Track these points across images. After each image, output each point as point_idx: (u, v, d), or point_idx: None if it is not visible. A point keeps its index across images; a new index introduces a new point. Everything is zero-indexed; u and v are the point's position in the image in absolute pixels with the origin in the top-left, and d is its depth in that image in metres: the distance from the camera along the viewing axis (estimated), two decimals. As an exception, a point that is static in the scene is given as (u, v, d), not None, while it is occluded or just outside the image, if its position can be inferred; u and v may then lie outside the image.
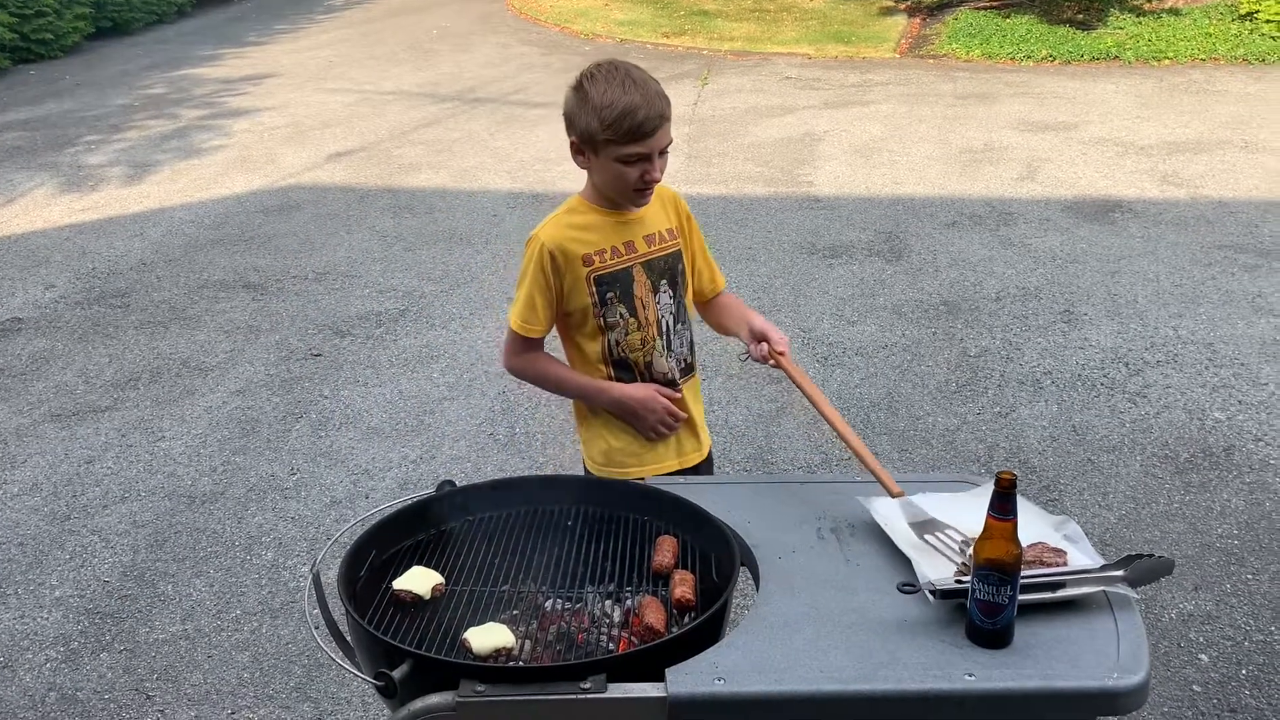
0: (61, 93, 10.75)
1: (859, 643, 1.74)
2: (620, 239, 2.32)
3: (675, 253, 2.39)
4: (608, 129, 2.14)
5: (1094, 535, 3.64)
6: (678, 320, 2.42)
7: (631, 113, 2.12)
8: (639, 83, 2.15)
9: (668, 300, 2.38)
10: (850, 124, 9.11)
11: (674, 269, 2.38)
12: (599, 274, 2.30)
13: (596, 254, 2.29)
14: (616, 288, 2.31)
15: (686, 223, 2.43)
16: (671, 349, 2.41)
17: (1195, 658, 3.17)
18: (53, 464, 4.34)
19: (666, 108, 2.18)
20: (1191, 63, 11.02)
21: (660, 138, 2.18)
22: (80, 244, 6.75)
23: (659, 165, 2.21)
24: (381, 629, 1.80)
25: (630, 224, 2.33)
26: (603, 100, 2.14)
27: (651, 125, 2.14)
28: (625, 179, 2.21)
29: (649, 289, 2.35)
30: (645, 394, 2.37)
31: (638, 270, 2.33)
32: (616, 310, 2.32)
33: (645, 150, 2.17)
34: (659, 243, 2.36)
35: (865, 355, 5.09)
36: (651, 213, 2.36)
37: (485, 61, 11.92)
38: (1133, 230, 6.61)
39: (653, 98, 2.15)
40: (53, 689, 3.14)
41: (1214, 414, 4.50)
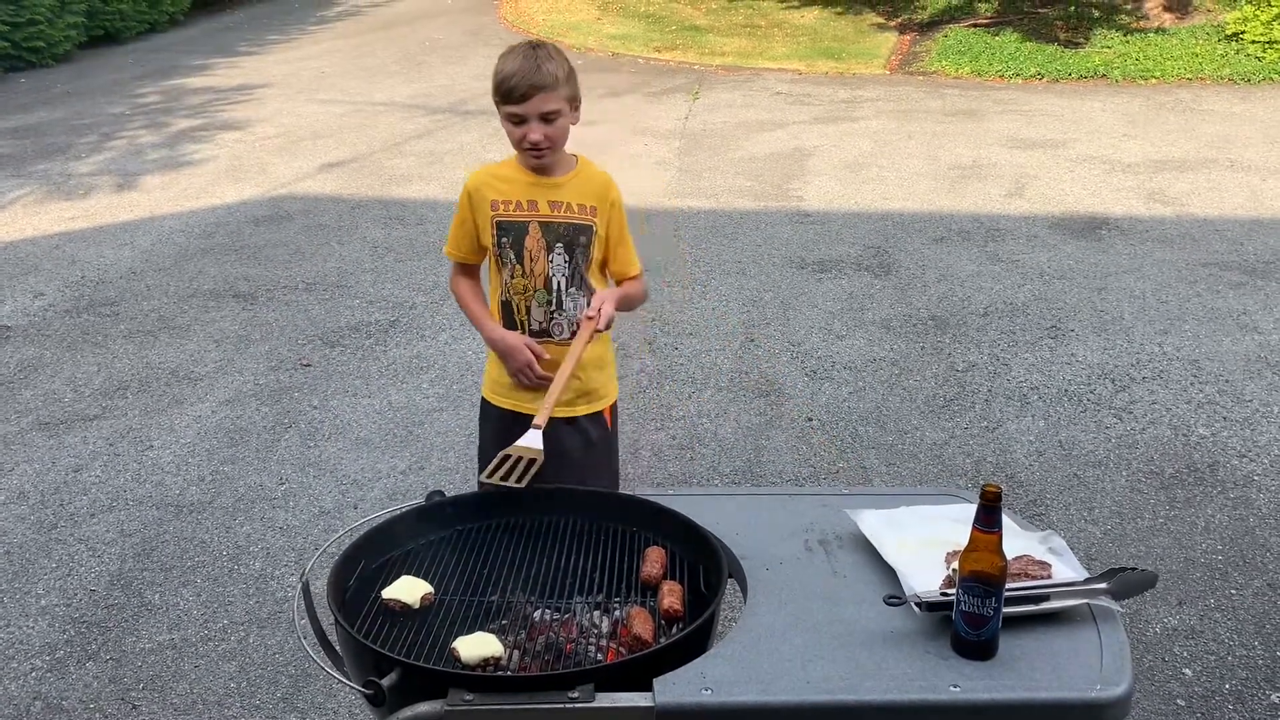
0: (53, 101, 10.74)
1: (846, 654, 1.75)
2: (527, 196, 2.61)
3: (580, 226, 2.62)
4: (494, 91, 2.53)
5: (1079, 550, 3.66)
6: (572, 284, 2.65)
7: (508, 77, 2.47)
8: (525, 55, 2.48)
9: (561, 263, 2.62)
10: (840, 139, 9.17)
11: (574, 239, 2.62)
12: (500, 220, 2.62)
13: (504, 202, 2.62)
14: (511, 235, 2.61)
15: (609, 209, 2.66)
16: (562, 307, 2.65)
17: (1179, 672, 3.19)
18: (40, 472, 4.33)
19: (548, 81, 2.47)
20: (1178, 82, 11.12)
21: (536, 103, 2.47)
22: (70, 252, 6.74)
23: (538, 129, 2.50)
24: (370, 638, 1.80)
25: (542, 186, 2.61)
26: (496, 68, 2.52)
27: (522, 90, 2.46)
28: (513, 136, 2.55)
29: (542, 246, 2.61)
30: (513, 342, 2.64)
31: (534, 227, 2.60)
32: (509, 255, 2.62)
33: (520, 112, 2.49)
34: (564, 211, 2.61)
35: (854, 369, 5.11)
36: (573, 186, 2.63)
37: (477, 74, 11.94)
38: (1119, 247, 6.67)
39: (532, 69, 2.46)
40: (38, 698, 3.12)
41: (1199, 430, 4.54)
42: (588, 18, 15.14)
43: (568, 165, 2.66)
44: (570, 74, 2.55)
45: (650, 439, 4.52)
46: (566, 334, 2.66)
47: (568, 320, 2.66)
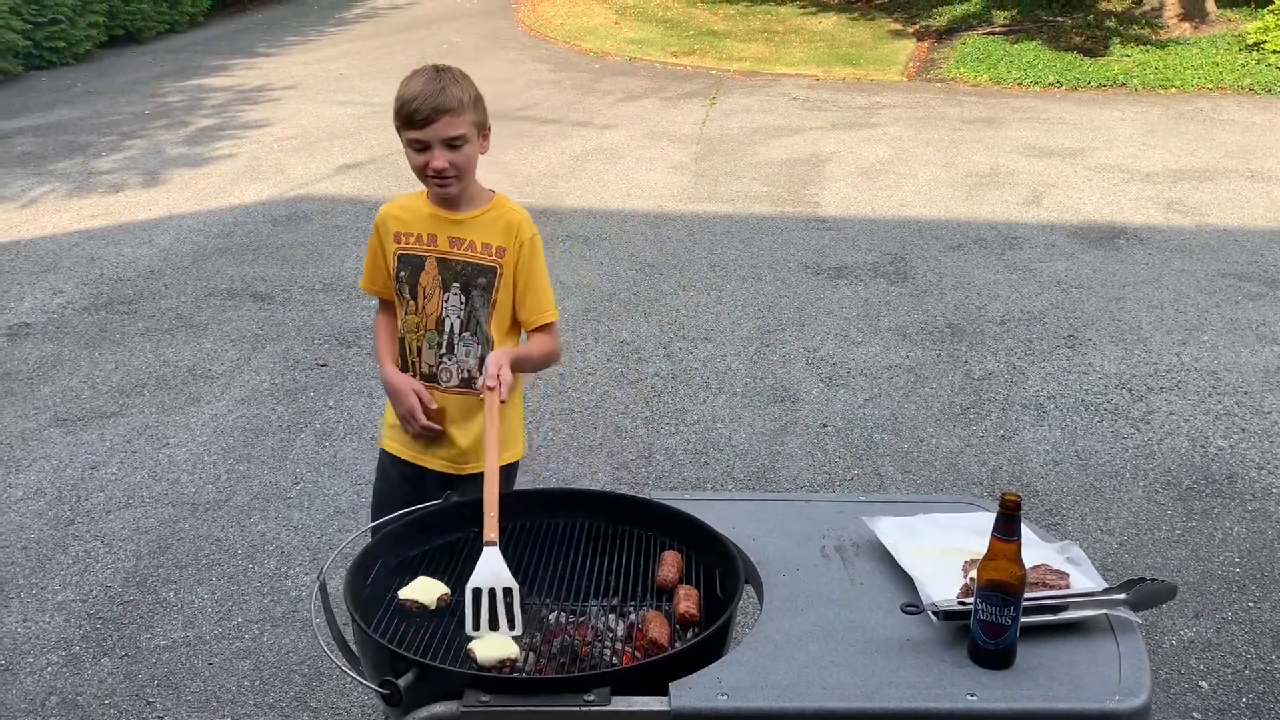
0: (73, 100, 10.81)
1: (862, 661, 1.75)
2: (428, 230, 2.50)
3: (483, 267, 2.48)
4: (395, 115, 2.39)
5: (1095, 560, 3.64)
6: (466, 329, 2.50)
7: (409, 100, 2.34)
8: (432, 77, 2.35)
9: (457, 303, 2.49)
10: (857, 146, 9.15)
11: (473, 280, 2.48)
12: (401, 252, 2.52)
13: (406, 234, 2.51)
14: (409, 269, 2.50)
15: (519, 250, 2.48)
16: (453, 352, 2.51)
17: (1196, 685, 3.16)
18: (57, 469, 4.35)
19: (452, 104, 2.33)
20: (1198, 91, 11.07)
21: (440, 128, 2.34)
22: (89, 250, 6.78)
23: (442, 156, 2.36)
24: (387, 638, 1.81)
25: (444, 222, 2.49)
26: (398, 93, 2.37)
27: (424, 113, 2.32)
28: (415, 164, 2.41)
29: (437, 284, 2.49)
30: (400, 386, 2.51)
31: (431, 262, 2.49)
32: (404, 290, 2.52)
33: (423, 137, 2.35)
34: (466, 250, 2.48)
35: (869, 376, 5.10)
36: (480, 223, 2.49)
37: (495, 77, 11.97)
38: (1138, 257, 6.63)
39: (436, 91, 2.32)
40: (53, 693, 3.14)
41: (1217, 441, 4.51)
42: (605, 22, 15.16)
43: (479, 200, 2.51)
44: (477, 99, 2.42)
45: (664, 443, 4.51)
46: (455, 380, 2.51)
47: (457, 367, 2.51)
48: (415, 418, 2.49)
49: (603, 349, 5.38)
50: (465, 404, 2.54)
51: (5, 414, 4.79)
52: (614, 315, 5.80)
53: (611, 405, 4.83)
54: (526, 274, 2.51)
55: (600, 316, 5.78)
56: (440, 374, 2.52)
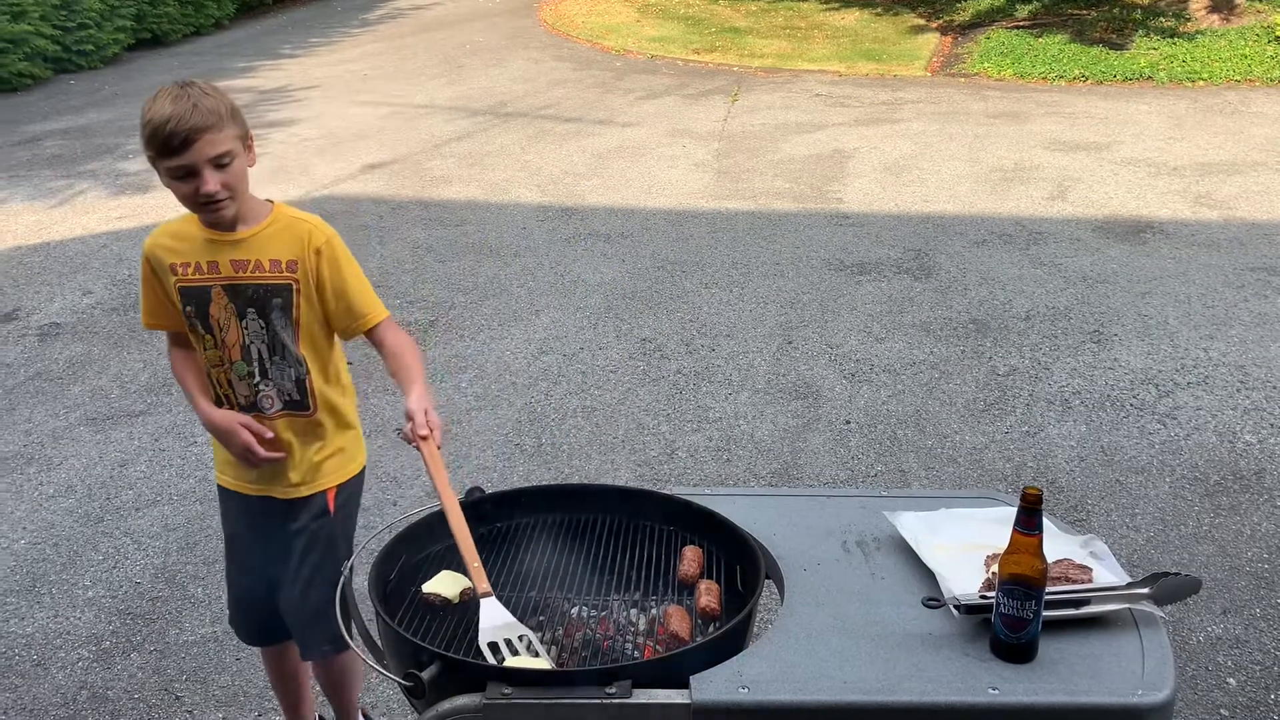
0: (101, 102, 10.93)
1: (883, 655, 1.75)
2: (206, 257, 2.28)
3: (274, 286, 2.28)
4: (147, 145, 2.12)
5: (1121, 556, 3.62)
6: (275, 353, 2.33)
7: (159, 126, 2.08)
8: (178, 97, 2.10)
9: (257, 328, 2.30)
10: (880, 141, 9.12)
11: (266, 301, 2.29)
12: (182, 285, 2.30)
13: (182, 266, 2.29)
14: (194, 303, 2.30)
15: (314, 257, 2.29)
16: (269, 377, 2.34)
17: (1223, 681, 3.14)
18: (87, 466, 4.41)
19: (209, 120, 2.10)
20: (1226, 84, 10.94)
21: (201, 149, 2.11)
22: (117, 251, 6.86)
23: (212, 178, 2.14)
24: (411, 631, 1.82)
25: (221, 245, 2.28)
26: (145, 118, 2.11)
27: (181, 137, 2.08)
28: (183, 193, 2.18)
29: (230, 312, 2.29)
30: (226, 424, 2.33)
31: (217, 292, 2.28)
32: (197, 325, 2.32)
33: (185, 163, 2.12)
34: (251, 270, 2.27)
35: (893, 372, 5.08)
36: (260, 240, 2.28)
37: (517, 76, 12.01)
38: (1164, 251, 6.57)
39: (186, 111, 2.08)
40: (84, 687, 3.18)
41: (1245, 437, 4.46)
42: (627, 20, 15.17)
43: (257, 215, 2.29)
44: (234, 110, 2.19)
45: (687, 440, 4.52)
46: (278, 405, 2.36)
47: (276, 391, 2.35)
48: (254, 451, 2.32)
49: (625, 346, 5.39)
50: (294, 425, 2.40)
51: (37, 413, 4.86)
52: (636, 313, 5.81)
53: (634, 402, 4.84)
54: (336, 280, 2.31)
55: (622, 314, 5.79)
56: (261, 401, 2.36)
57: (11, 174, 8.52)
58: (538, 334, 5.57)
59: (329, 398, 2.43)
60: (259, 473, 2.43)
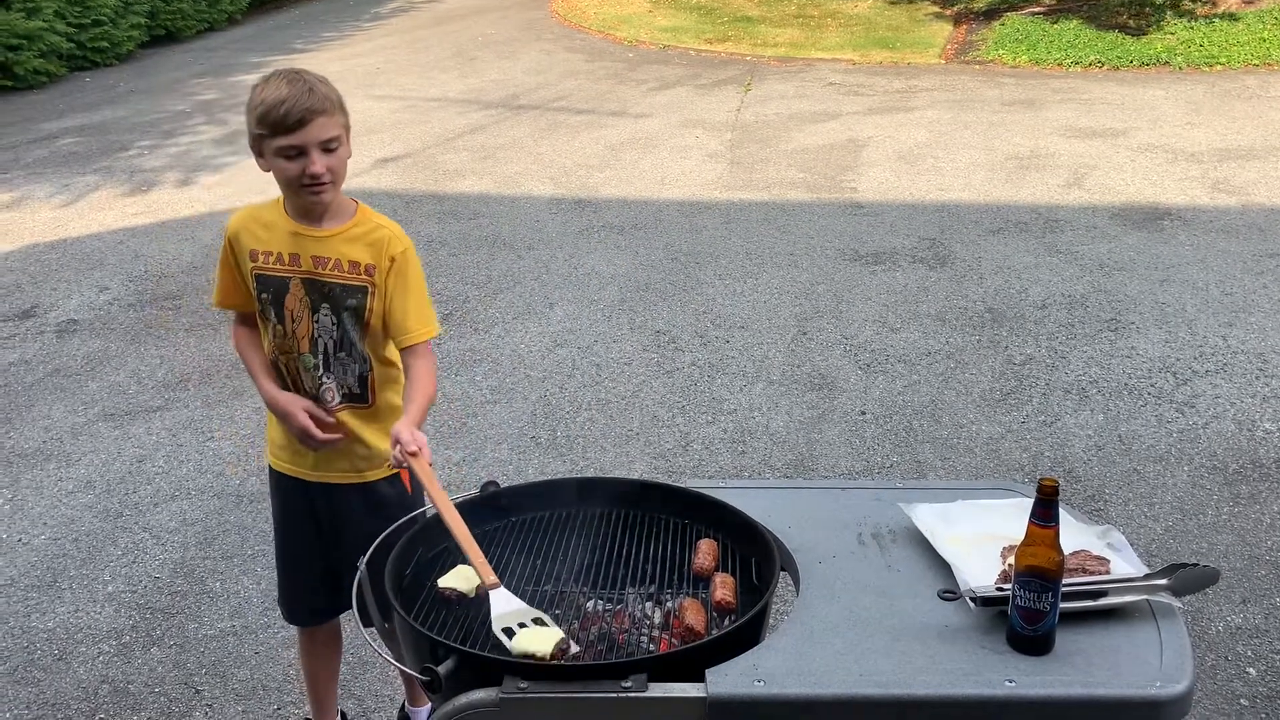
0: (116, 99, 10.98)
1: (899, 648, 1.74)
2: (289, 249, 2.35)
3: (351, 287, 2.35)
4: (259, 124, 2.22)
5: (1140, 546, 3.60)
6: (341, 349, 2.39)
7: (278, 105, 2.19)
8: (293, 81, 2.22)
9: (329, 324, 2.37)
10: (895, 130, 9.07)
11: (342, 300, 2.36)
12: (259, 272, 2.38)
13: (264, 253, 2.37)
14: (271, 291, 2.38)
15: (390, 265, 2.35)
16: (330, 371, 2.41)
17: (1243, 671, 3.12)
18: (106, 462, 4.44)
19: (324, 105, 2.22)
20: (1245, 68, 10.84)
21: (314, 130, 2.21)
22: (133, 247, 6.89)
23: (319, 160, 2.23)
24: (427, 625, 1.83)
25: (305, 238, 2.34)
26: (257, 99, 2.23)
27: (296, 117, 2.19)
28: (288, 174, 2.26)
29: (305, 306, 2.36)
30: (289, 406, 2.39)
31: (295, 284, 2.36)
32: (270, 312, 2.39)
33: (297, 142, 2.21)
34: (331, 269, 2.34)
35: (908, 362, 5.06)
36: (344, 239, 2.35)
37: (529, 68, 12.00)
38: (1182, 238, 6.52)
39: (302, 93, 2.20)
40: (105, 681, 3.21)
41: (1264, 425, 4.43)
42: (639, 10, 15.13)
43: (344, 213, 2.37)
44: (341, 101, 2.29)
45: (701, 433, 4.52)
46: (338, 399, 2.43)
47: (337, 384, 2.42)
48: (313, 435, 2.37)
49: (639, 338, 5.38)
50: (356, 414, 2.46)
51: (55, 409, 4.90)
52: (650, 304, 5.80)
53: (648, 394, 4.84)
54: (402, 292, 2.37)
55: (636, 306, 5.79)
56: (323, 394, 2.42)
57: (28, 171, 8.57)
58: (552, 327, 5.57)
59: (388, 394, 2.50)
60: (317, 458, 2.48)
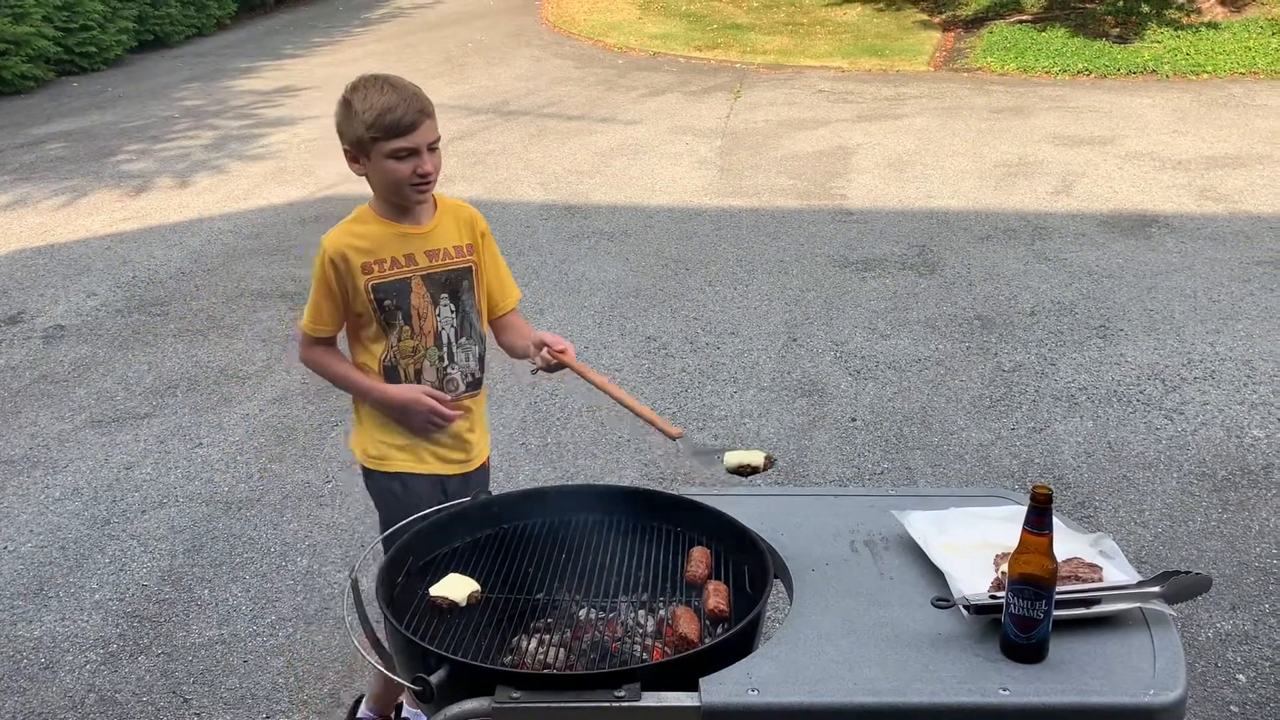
0: (103, 104, 10.94)
1: (893, 656, 1.74)
2: (401, 250, 2.41)
3: (462, 269, 2.47)
4: (371, 128, 2.29)
5: (1129, 553, 3.60)
6: (461, 334, 2.49)
7: (391, 110, 2.28)
8: (396, 85, 2.32)
9: (449, 314, 2.46)
10: (883, 137, 9.10)
11: (458, 284, 2.46)
12: (376, 283, 2.40)
13: (376, 264, 2.40)
14: (394, 296, 2.41)
15: (481, 240, 2.50)
16: (455, 360, 2.49)
17: (1233, 678, 3.13)
18: (93, 469, 4.41)
19: (427, 106, 2.33)
20: (1231, 77, 10.91)
21: (424, 132, 2.31)
22: (121, 253, 6.86)
23: (429, 159, 2.33)
24: (419, 634, 1.82)
25: (412, 237, 2.42)
26: (364, 105, 2.30)
27: (410, 119, 2.28)
28: (399, 175, 2.32)
29: (428, 301, 2.43)
30: (409, 395, 2.43)
31: (416, 282, 2.42)
32: (395, 317, 2.42)
33: (411, 144, 2.30)
34: (442, 258, 2.44)
35: (898, 369, 5.07)
36: (441, 228, 2.45)
37: (519, 75, 12.00)
38: (1169, 245, 6.55)
39: (409, 97, 2.30)
40: (92, 690, 3.18)
41: (1253, 431, 4.45)
42: (629, 17, 15.15)
43: (430, 205, 2.47)
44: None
45: (692, 439, 4.51)
46: (462, 388, 2.50)
47: (460, 373, 2.50)
48: (441, 414, 2.43)
49: (629, 345, 5.38)
50: (473, 399, 2.56)
51: (42, 416, 4.86)
52: (640, 311, 5.80)
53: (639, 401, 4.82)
54: (493, 260, 2.54)
55: (626, 312, 5.78)
56: (446, 385, 2.49)
57: (15, 176, 8.52)
58: (542, 333, 5.55)
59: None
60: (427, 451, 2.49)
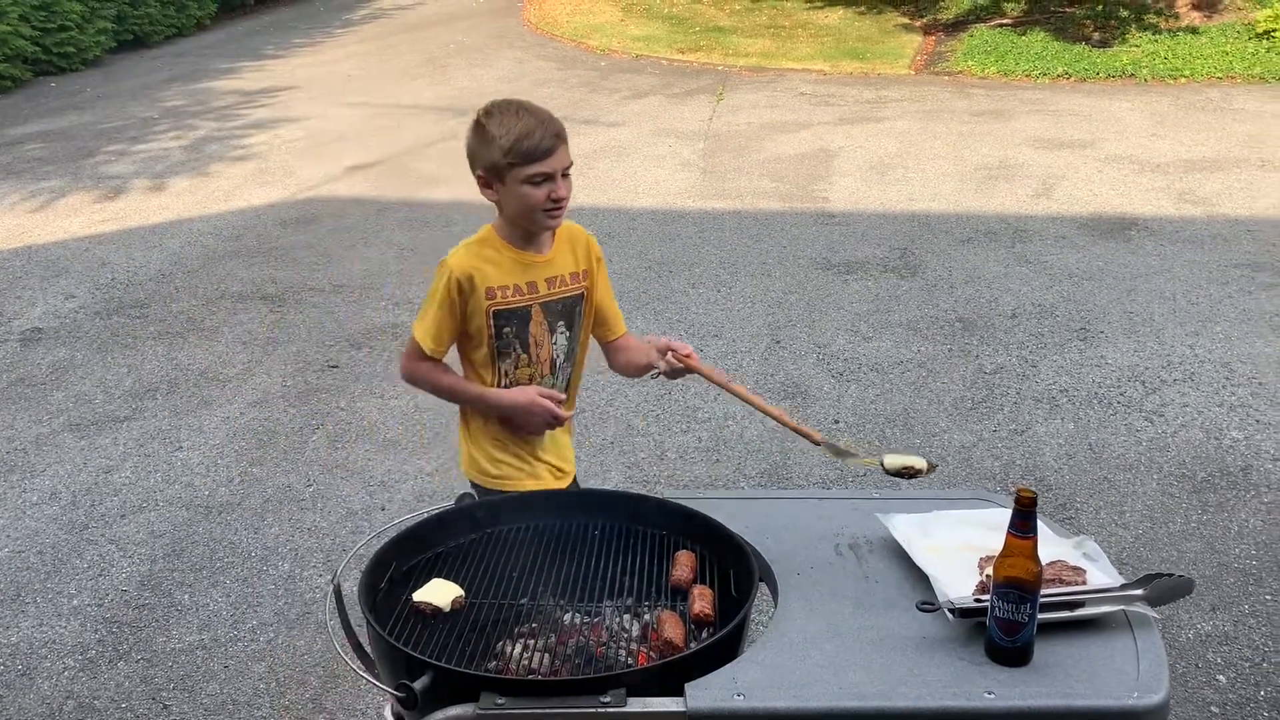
0: (82, 105, 10.85)
1: (878, 660, 1.74)
2: (523, 278, 2.40)
3: (577, 296, 2.47)
4: (509, 154, 2.26)
5: (1111, 554, 3.61)
6: (567, 360, 2.51)
7: (528, 135, 2.26)
8: (532, 110, 2.31)
9: (563, 341, 2.48)
10: (865, 140, 9.13)
11: (573, 311, 2.47)
12: (498, 309, 2.38)
13: (499, 289, 2.38)
14: (514, 323, 2.40)
15: (596, 265, 2.51)
16: (556, 385, 2.50)
17: (1213, 679, 3.15)
18: (71, 473, 4.37)
19: (562, 130, 2.32)
20: (1208, 81, 11.00)
21: (560, 157, 2.30)
22: (100, 255, 6.80)
23: (563, 185, 2.32)
24: (402, 640, 1.81)
25: (535, 265, 2.41)
26: (500, 130, 2.28)
27: (548, 144, 2.27)
28: (534, 200, 2.30)
29: (545, 329, 2.43)
30: (527, 397, 2.42)
31: (536, 310, 2.41)
32: (512, 344, 2.41)
33: (548, 169, 2.28)
34: (560, 285, 2.44)
35: (880, 371, 5.09)
36: (560, 255, 2.44)
37: (502, 76, 11.98)
38: (1149, 248, 6.60)
39: (546, 121, 2.30)
40: (70, 697, 3.15)
41: (1231, 433, 4.48)
42: (611, 19, 15.15)
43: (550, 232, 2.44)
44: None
45: (676, 441, 4.51)
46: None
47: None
48: (557, 414, 2.43)
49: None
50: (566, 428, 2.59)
51: (19, 419, 4.81)
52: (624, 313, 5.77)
53: (622, 404, 4.83)
54: (606, 287, 2.55)
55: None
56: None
57: (-8, 177, 8.44)
58: (525, 336, 5.54)
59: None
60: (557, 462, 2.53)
